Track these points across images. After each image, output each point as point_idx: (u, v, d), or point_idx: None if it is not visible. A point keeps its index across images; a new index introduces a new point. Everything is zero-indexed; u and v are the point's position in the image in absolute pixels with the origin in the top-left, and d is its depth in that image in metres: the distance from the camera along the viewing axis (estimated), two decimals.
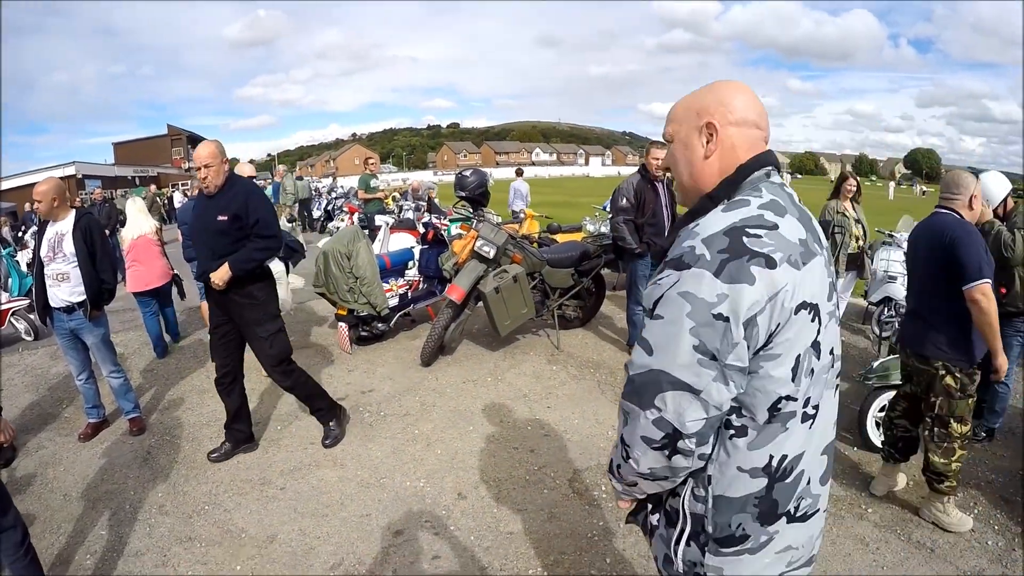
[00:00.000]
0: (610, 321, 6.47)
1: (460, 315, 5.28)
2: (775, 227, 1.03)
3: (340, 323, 5.51)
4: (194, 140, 57.70)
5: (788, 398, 1.08)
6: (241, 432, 3.71)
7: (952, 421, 2.82)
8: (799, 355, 1.06)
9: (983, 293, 2.56)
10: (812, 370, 1.09)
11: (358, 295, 5.27)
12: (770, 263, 1.00)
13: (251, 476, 3.45)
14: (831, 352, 1.15)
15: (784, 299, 1.01)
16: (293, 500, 3.21)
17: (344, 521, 3.03)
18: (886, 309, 5.43)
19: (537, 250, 5.76)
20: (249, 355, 3.64)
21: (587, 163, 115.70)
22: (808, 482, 1.16)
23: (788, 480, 1.13)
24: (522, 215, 9.06)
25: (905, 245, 5.89)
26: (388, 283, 5.68)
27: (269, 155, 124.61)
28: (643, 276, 4.97)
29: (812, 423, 1.13)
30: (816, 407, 1.13)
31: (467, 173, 5.69)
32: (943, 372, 2.78)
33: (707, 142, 1.17)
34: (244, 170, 4.72)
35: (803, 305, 1.04)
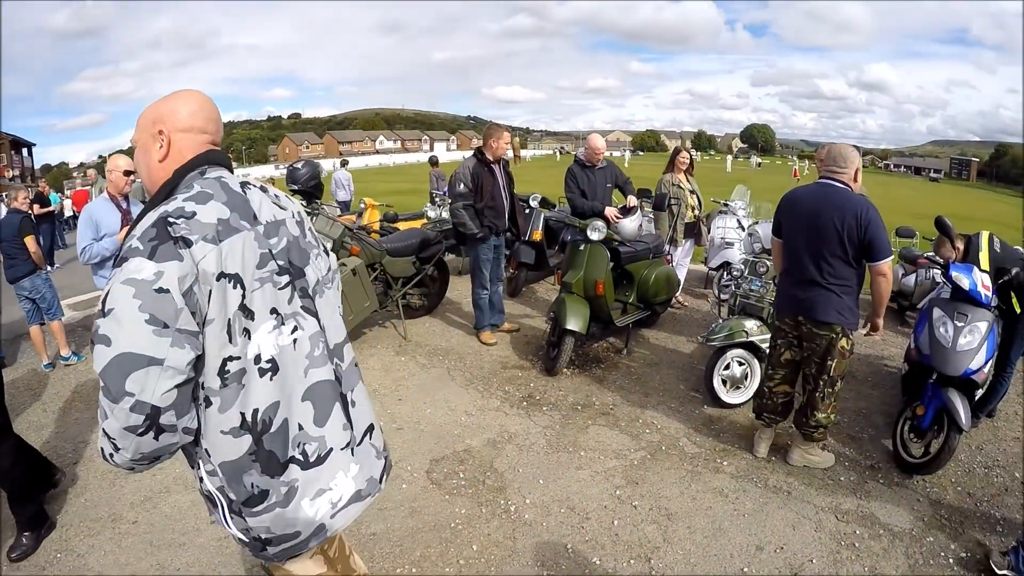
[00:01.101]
0: (457, 306, 6.26)
1: None
2: (193, 215, 1.17)
3: None
4: (18, 145, 49.54)
5: (232, 358, 1.20)
6: (49, 475, 3.17)
7: (838, 380, 3.04)
8: (229, 319, 1.18)
9: (889, 267, 2.84)
10: (247, 331, 1.22)
11: None
12: (187, 243, 1.14)
13: (100, 514, 3.06)
14: (272, 312, 1.26)
15: (206, 269, 1.15)
16: (147, 532, 2.91)
17: (203, 548, 2.76)
18: (725, 273, 5.74)
19: (376, 240, 5.45)
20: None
21: (432, 149, 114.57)
22: (300, 428, 1.30)
23: (273, 430, 1.26)
24: (363, 205, 8.80)
25: (739, 212, 6.34)
26: None
27: (100, 156, 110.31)
28: (486, 260, 4.85)
29: (273, 376, 1.25)
30: (271, 361, 1.25)
31: (298, 165, 5.21)
32: (840, 336, 2.94)
33: (160, 147, 1.29)
34: (119, 163, 4.06)
35: (223, 275, 1.17)
